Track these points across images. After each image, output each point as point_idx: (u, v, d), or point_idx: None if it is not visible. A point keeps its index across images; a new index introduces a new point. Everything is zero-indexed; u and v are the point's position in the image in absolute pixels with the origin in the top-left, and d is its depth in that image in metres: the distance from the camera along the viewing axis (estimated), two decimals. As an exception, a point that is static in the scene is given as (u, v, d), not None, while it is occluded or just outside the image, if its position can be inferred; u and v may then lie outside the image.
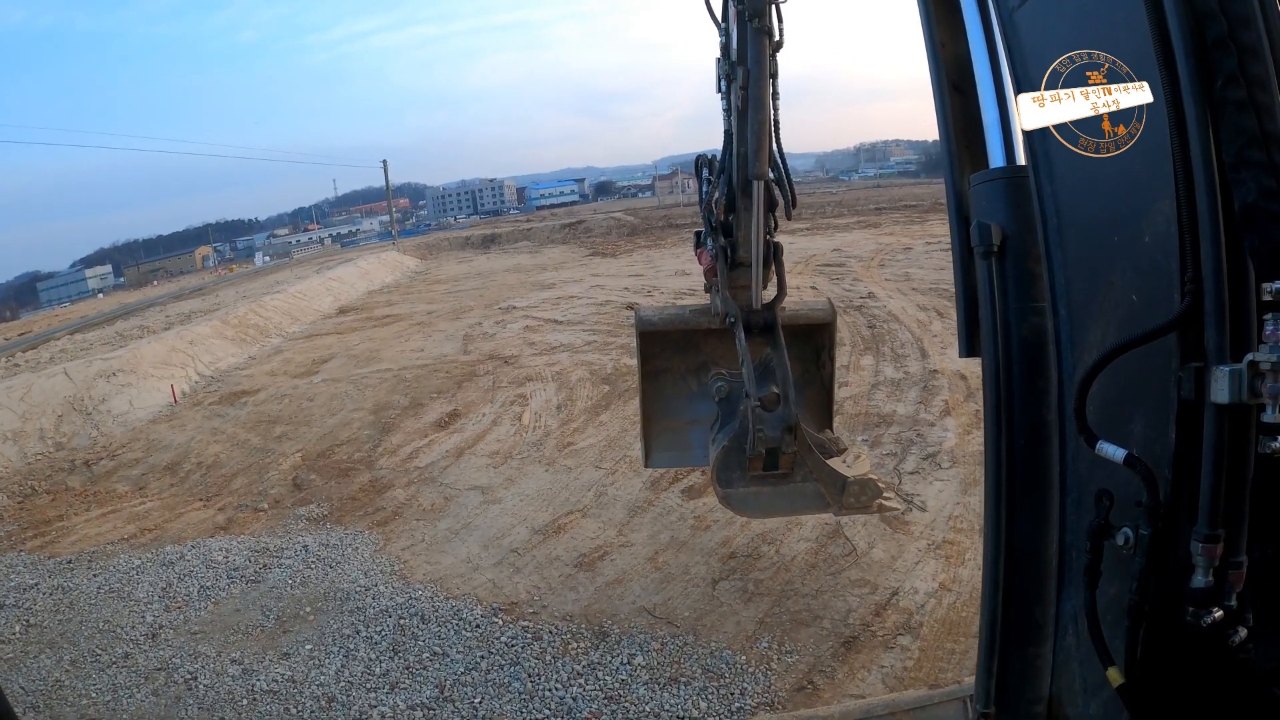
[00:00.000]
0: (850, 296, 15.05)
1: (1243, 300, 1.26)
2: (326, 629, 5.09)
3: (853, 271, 18.68)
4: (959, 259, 1.99)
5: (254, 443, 9.88)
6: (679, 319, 3.84)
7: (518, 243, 41.83)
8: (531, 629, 4.76)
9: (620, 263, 25.68)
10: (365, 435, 9.15)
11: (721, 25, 3.03)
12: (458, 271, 30.12)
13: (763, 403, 3.00)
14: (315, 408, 10.82)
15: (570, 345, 12.64)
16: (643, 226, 40.10)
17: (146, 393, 12.93)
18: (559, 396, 9.65)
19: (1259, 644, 1.31)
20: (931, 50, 2.06)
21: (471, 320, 16.51)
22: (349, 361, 13.63)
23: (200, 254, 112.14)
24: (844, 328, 12.24)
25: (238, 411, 11.53)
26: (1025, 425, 1.82)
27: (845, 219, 34.22)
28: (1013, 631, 1.88)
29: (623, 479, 6.94)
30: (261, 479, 8.43)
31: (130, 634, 5.36)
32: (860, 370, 9.80)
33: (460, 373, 11.57)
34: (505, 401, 9.78)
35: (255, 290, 25.66)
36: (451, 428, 8.98)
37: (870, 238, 25.66)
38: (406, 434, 8.93)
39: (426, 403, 10.17)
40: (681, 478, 6.73)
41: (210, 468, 9.14)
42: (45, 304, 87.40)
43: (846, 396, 8.65)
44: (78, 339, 21.41)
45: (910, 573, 5.03)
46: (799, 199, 3.28)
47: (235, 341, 17.03)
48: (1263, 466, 1.26)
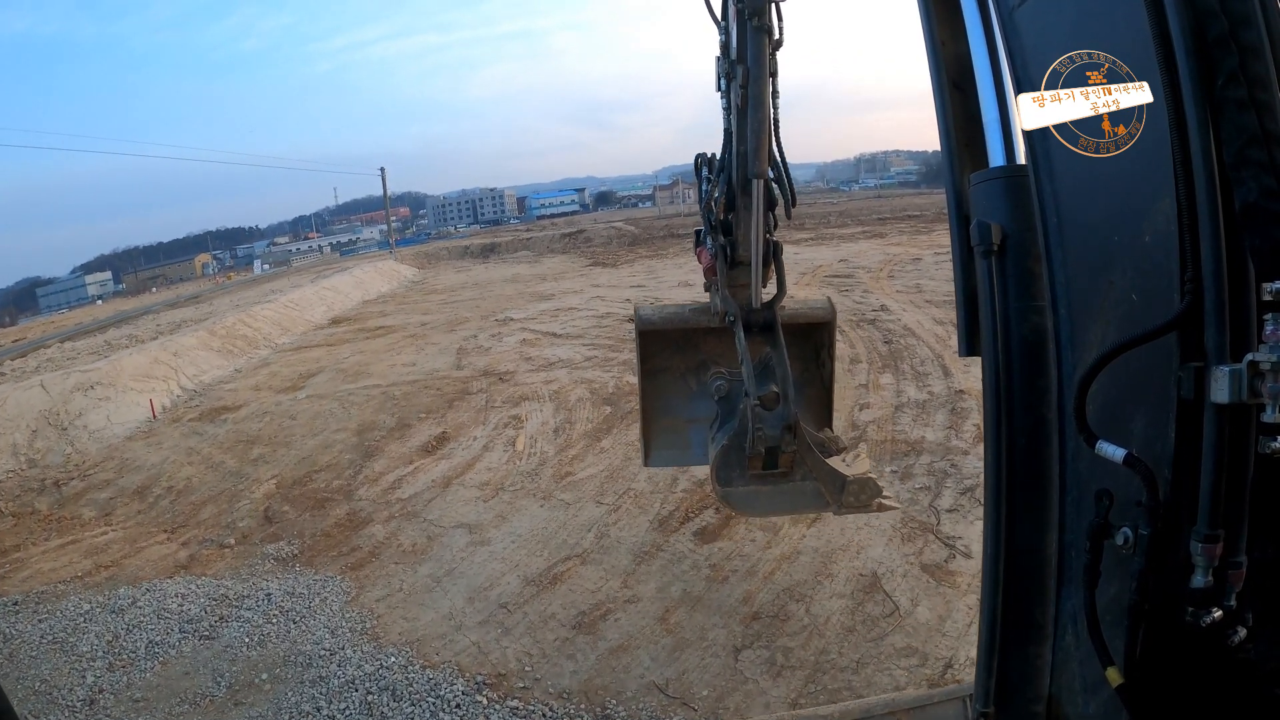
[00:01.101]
0: (862, 309, 14.41)
1: (1243, 300, 1.26)
2: (284, 702, 4.41)
3: (862, 283, 18.07)
4: (959, 258, 1.99)
5: (229, 465, 9.19)
6: (678, 318, 3.83)
7: (517, 252, 41.23)
8: (522, 710, 4.06)
9: (621, 273, 25.09)
10: (346, 460, 8.43)
11: (721, 24, 3.02)
12: (455, 281, 29.53)
13: (762, 402, 2.98)
14: (297, 427, 10.12)
15: (569, 361, 11.94)
16: (644, 236, 39.50)
17: (125, 407, 12.51)
18: (556, 419, 8.94)
19: (1258, 644, 1.31)
20: (931, 49, 2.05)
21: (467, 333, 15.84)
22: (336, 376, 12.95)
23: (200, 261, 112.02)
24: (859, 343, 11.56)
25: (217, 429, 10.88)
26: (1025, 425, 1.82)
27: (849, 229, 33.66)
28: (1012, 631, 1.88)
29: (627, 517, 6.22)
30: (232, 508, 7.76)
31: (68, 697, 4.88)
32: (881, 390, 9.10)
33: (452, 390, 10.88)
34: (498, 424, 9.06)
35: (249, 299, 25.10)
36: (439, 453, 8.27)
37: (877, 248, 25.10)
38: (390, 459, 8.22)
39: (414, 423, 9.46)
40: (692, 516, 6.03)
41: (180, 493, 8.53)
42: (45, 310, 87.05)
43: (870, 420, 7.96)
44: (66, 347, 20.87)
45: (963, 637, 4.38)
46: (799, 206, 3.29)
47: (222, 353, 16.36)
48: (1262, 466, 1.26)
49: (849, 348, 11.45)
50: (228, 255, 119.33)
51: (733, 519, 6.06)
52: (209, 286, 52.12)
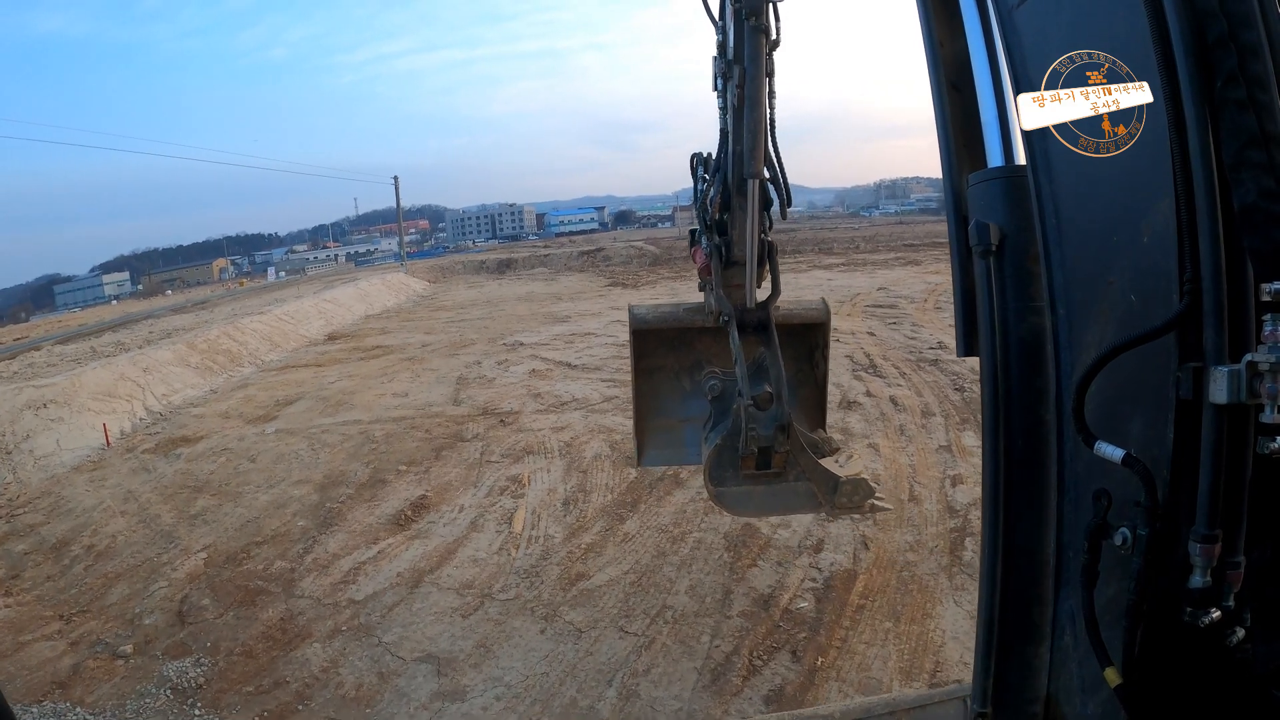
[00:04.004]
0: (917, 347, 12.65)
1: (1242, 300, 1.26)
2: None
3: (908, 315, 16.31)
4: (957, 258, 1.96)
5: (164, 521, 7.52)
6: (673, 317, 3.79)
7: (534, 269, 39.52)
8: None
9: (643, 294, 23.31)
10: (298, 529, 6.60)
11: (719, 23, 2.95)
12: (465, 298, 27.90)
13: (756, 402, 2.93)
14: (254, 473, 8.37)
15: (585, 401, 10.07)
16: (665, 257, 37.58)
17: (79, 430, 11.02)
18: (567, 484, 7.04)
19: (1256, 644, 1.30)
20: (930, 49, 2.02)
21: (470, 358, 14.08)
22: (315, 406, 11.23)
23: (217, 266, 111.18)
24: (926, 391, 9.72)
25: (167, 467, 9.28)
26: (1023, 425, 1.80)
27: (881, 254, 31.81)
28: (1010, 631, 1.84)
29: (664, 659, 4.34)
30: (146, 591, 6.05)
31: None
32: (969, 455, 7.13)
33: (443, 433, 9.07)
34: (493, 487, 7.19)
35: (253, 307, 23.39)
36: (414, 528, 6.39)
37: (915, 276, 23.26)
38: (351, 534, 6.37)
39: (390, 479, 7.64)
40: (760, 664, 4.17)
41: (99, 556, 7.04)
42: (60, 307, 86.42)
43: (971, 500, 5.95)
44: (56, 351, 19.32)
45: None
46: (822, 231, 4.44)
47: (200, 370, 14.70)
48: (1261, 467, 1.26)
49: (915, 395, 9.56)
50: (246, 261, 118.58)
51: (819, 669, 4.12)
52: (220, 292, 51.07)
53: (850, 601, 4.86)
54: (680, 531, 5.78)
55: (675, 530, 5.75)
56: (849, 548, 5.49)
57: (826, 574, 5.15)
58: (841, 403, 9.27)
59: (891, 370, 11.00)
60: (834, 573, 5.16)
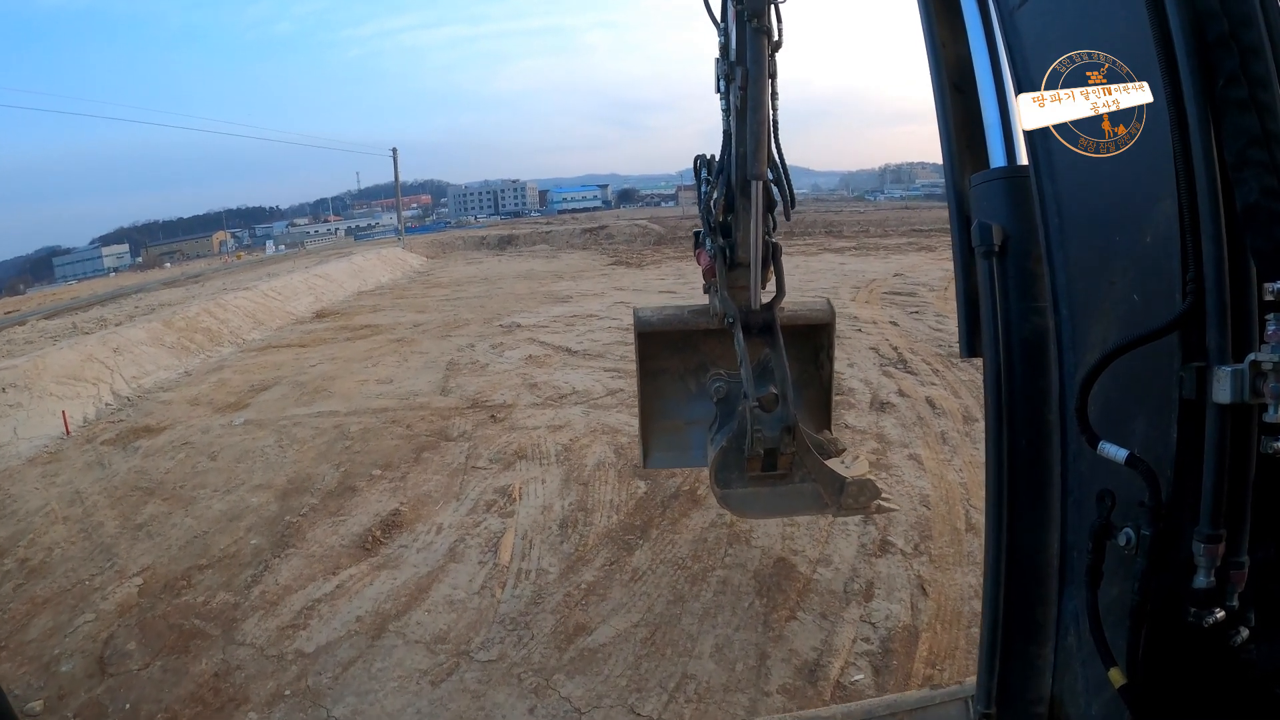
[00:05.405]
0: (944, 339, 11.66)
1: (1244, 300, 1.24)
2: None
3: (929, 304, 15.32)
4: (960, 259, 1.94)
5: (107, 530, 6.58)
6: (677, 319, 3.77)
7: (535, 245, 38.26)
8: None
9: (648, 275, 22.12)
10: (249, 549, 5.60)
11: (720, 25, 2.96)
12: (463, 274, 26.67)
13: (761, 403, 2.90)
14: (212, 474, 7.37)
15: (586, 393, 9.03)
16: (670, 236, 36.21)
17: (39, 417, 10.07)
18: (565, 500, 6.00)
19: (1261, 644, 1.28)
20: (932, 50, 2.01)
21: (463, 340, 13.02)
22: (291, 393, 10.20)
23: (217, 239, 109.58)
24: (964, 392, 8.63)
25: (123, 462, 8.34)
26: (1026, 426, 1.77)
27: (893, 239, 30.47)
28: (1014, 632, 1.82)
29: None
30: (70, 625, 5.18)
31: None
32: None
33: (426, 429, 8.05)
34: (478, 501, 6.15)
35: (243, 282, 22.14)
36: (381, 553, 5.36)
37: (931, 262, 22.04)
38: (308, 559, 5.35)
39: (361, 486, 6.62)
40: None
41: (31, 574, 6.22)
42: (59, 279, 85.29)
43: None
44: (40, 326, 18.18)
45: None
46: (830, 215, 4.48)
47: (175, 350, 13.66)
48: (1264, 466, 1.24)
49: (953, 396, 8.54)
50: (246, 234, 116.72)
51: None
52: (217, 265, 49.98)
53: (915, 671, 3.87)
54: (701, 568, 4.76)
55: (694, 566, 4.75)
56: (904, 594, 4.50)
57: (882, 632, 4.16)
58: (873, 403, 8.25)
59: (923, 366, 9.97)
60: (891, 630, 4.18)
